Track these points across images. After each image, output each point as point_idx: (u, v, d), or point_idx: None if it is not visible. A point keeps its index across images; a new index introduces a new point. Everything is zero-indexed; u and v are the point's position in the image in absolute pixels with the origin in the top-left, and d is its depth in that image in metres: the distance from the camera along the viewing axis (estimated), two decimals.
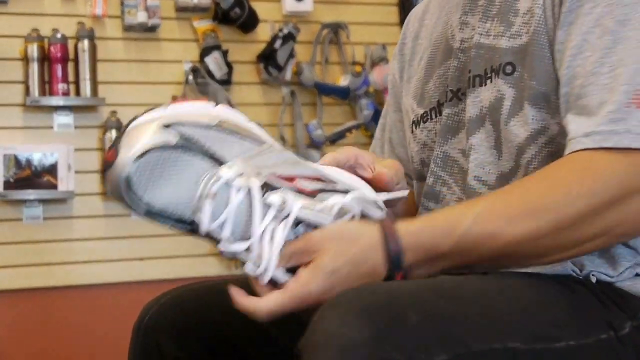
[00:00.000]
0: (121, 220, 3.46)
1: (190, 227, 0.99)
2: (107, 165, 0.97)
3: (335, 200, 1.03)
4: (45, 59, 3.32)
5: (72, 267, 3.40)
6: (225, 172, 0.97)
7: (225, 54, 3.58)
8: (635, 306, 1.10)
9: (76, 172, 3.38)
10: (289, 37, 3.62)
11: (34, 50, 3.29)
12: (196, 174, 0.97)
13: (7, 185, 3.29)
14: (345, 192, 1.06)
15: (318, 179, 1.04)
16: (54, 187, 3.34)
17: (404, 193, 1.17)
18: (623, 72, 1.07)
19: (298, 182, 1.00)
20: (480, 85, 1.24)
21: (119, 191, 0.96)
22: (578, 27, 1.13)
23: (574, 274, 1.14)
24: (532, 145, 1.18)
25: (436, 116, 1.34)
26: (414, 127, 1.38)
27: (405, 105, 1.44)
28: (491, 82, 1.22)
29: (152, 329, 1.30)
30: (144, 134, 0.96)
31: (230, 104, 3.50)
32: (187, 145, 0.96)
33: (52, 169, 3.34)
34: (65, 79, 3.34)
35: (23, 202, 3.34)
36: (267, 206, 0.98)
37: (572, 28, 1.14)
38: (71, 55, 3.37)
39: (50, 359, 3.38)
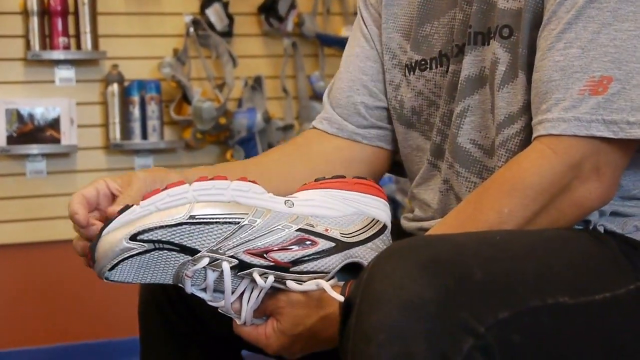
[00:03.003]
0: (125, 173, 3.46)
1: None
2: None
3: (307, 284, 1.08)
4: (45, 12, 3.29)
5: None
6: (198, 264, 1.05)
7: (226, 5, 3.55)
8: None
9: (79, 126, 3.38)
10: None
11: (33, 3, 3.26)
12: (172, 265, 1.05)
13: (10, 139, 3.28)
14: (323, 253, 1.08)
15: (293, 244, 1.07)
16: (57, 141, 3.33)
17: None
18: (576, 52, 1.06)
19: (270, 255, 1.06)
20: (483, 45, 1.20)
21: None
22: None
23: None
24: (523, 118, 1.16)
25: (436, 67, 1.28)
26: (407, 71, 1.32)
27: (387, 39, 1.36)
28: (494, 41, 1.18)
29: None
30: (111, 248, 1.03)
31: (231, 56, 3.49)
32: (156, 247, 1.03)
33: (54, 123, 3.33)
34: (65, 33, 3.32)
35: (26, 156, 3.34)
36: (239, 278, 1.07)
37: None
38: (71, 8, 3.34)
39: (55, 312, 3.41)
